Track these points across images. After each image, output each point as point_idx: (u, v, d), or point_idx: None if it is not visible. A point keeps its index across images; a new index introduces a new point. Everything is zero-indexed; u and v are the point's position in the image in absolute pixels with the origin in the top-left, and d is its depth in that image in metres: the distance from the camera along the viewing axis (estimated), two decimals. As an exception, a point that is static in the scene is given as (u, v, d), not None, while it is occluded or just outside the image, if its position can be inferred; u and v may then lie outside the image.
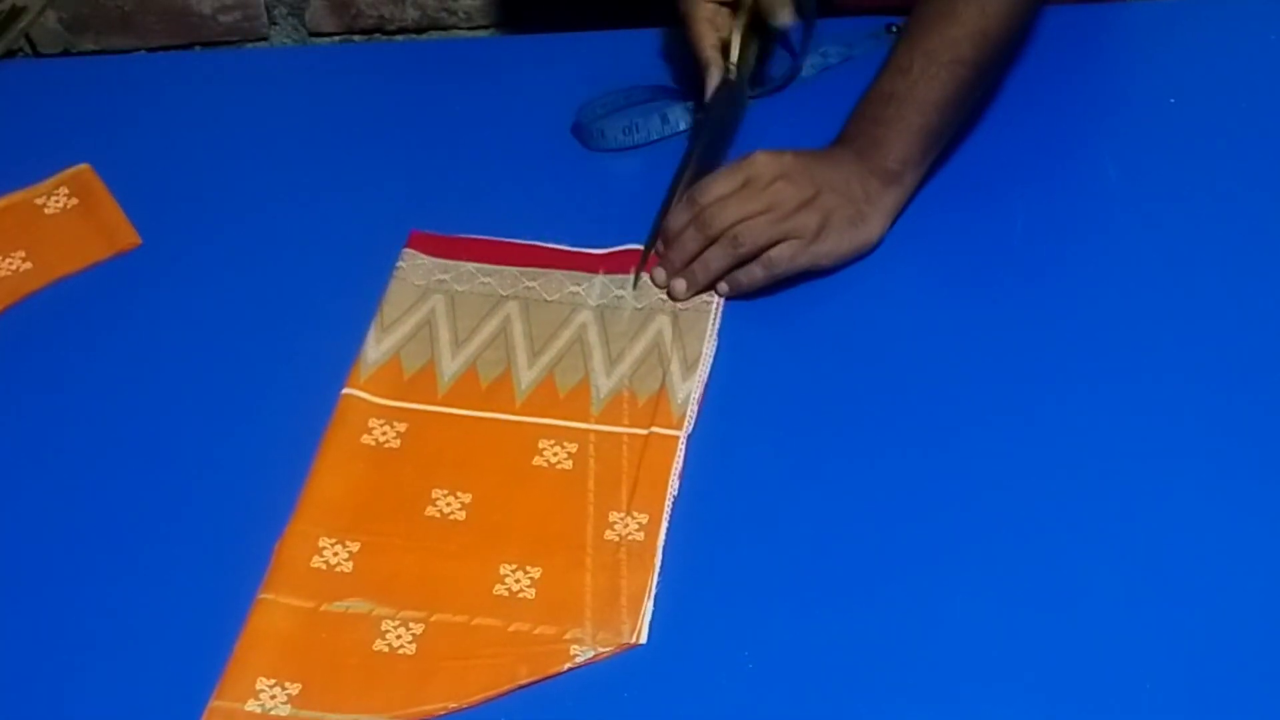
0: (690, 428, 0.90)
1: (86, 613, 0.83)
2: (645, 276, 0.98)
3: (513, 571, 0.84)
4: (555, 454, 0.89)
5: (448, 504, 0.87)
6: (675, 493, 0.87)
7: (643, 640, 0.81)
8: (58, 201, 1.07)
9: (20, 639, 0.83)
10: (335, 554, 0.85)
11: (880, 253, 0.99)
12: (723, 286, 0.97)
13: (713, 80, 1.03)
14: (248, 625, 0.82)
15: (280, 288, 1.01)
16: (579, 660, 0.80)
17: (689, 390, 0.92)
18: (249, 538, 0.86)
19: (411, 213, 1.04)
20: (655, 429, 0.90)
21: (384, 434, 0.91)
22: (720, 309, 0.97)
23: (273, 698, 0.79)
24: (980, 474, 0.87)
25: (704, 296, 0.97)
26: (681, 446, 0.89)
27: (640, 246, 1.00)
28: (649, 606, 0.82)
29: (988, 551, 0.83)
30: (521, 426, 0.91)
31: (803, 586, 0.83)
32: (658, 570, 0.84)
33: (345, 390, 0.92)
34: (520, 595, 0.83)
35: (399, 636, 0.81)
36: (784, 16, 1.03)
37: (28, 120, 1.16)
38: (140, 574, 0.85)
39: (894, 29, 1.11)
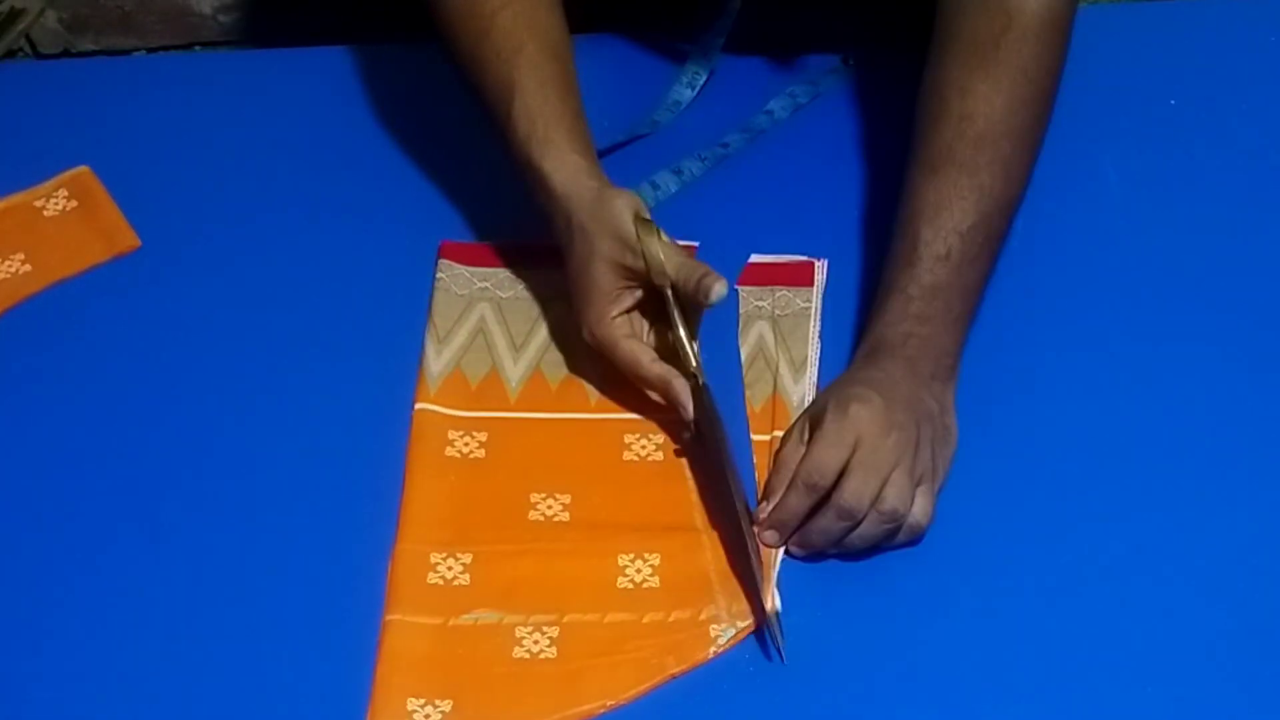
0: None
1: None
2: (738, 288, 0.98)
3: (631, 561, 0.84)
4: (644, 446, 0.90)
5: (549, 506, 0.87)
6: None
7: (778, 607, 0.81)
8: (57, 204, 1.06)
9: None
10: (449, 568, 0.84)
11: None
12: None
13: (684, 395, 0.88)
14: (383, 648, 0.80)
15: (281, 290, 1.00)
16: (722, 643, 0.81)
17: (803, 393, 0.91)
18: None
19: (413, 212, 1.04)
20: (776, 433, 0.89)
21: (466, 445, 0.90)
22: (820, 312, 0.96)
23: (426, 717, 0.77)
24: (982, 472, 0.88)
25: (800, 302, 0.96)
26: None
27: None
28: (775, 573, 0.82)
29: (1002, 545, 0.85)
30: (603, 424, 0.91)
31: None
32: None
33: (418, 405, 0.91)
34: (645, 585, 0.83)
35: (536, 642, 0.81)
36: (718, 291, 0.87)
37: (28, 121, 1.14)
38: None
39: (850, 61, 1.13)
